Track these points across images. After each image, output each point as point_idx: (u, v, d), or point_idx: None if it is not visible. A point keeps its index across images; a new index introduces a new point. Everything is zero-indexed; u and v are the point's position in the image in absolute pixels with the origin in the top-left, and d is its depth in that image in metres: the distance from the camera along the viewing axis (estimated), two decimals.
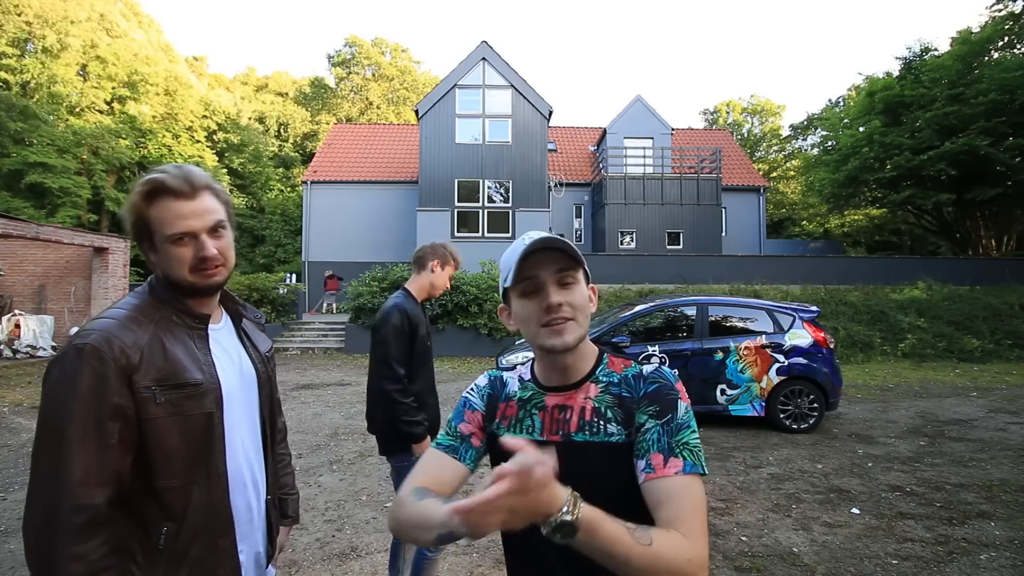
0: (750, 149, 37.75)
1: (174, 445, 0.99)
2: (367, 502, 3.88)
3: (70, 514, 0.89)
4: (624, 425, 0.87)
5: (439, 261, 2.41)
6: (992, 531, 3.37)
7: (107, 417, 0.93)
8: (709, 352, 6.07)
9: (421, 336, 2.28)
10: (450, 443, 0.99)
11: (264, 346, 1.29)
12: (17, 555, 3.08)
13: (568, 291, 0.89)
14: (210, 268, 1.05)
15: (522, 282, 0.89)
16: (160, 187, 1.01)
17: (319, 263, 19.66)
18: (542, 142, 18.07)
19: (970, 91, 15.91)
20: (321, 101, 42.23)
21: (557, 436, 0.91)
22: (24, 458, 4.87)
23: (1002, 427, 6.01)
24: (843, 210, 24.56)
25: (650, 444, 0.83)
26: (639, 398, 0.88)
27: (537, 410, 0.95)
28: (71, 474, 0.90)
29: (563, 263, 0.88)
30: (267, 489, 1.21)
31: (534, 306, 0.89)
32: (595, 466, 0.86)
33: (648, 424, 0.85)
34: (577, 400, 0.92)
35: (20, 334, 10.87)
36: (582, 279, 0.92)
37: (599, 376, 0.94)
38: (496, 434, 0.97)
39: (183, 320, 1.07)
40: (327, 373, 10.03)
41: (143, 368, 0.97)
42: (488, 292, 12.55)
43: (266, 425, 1.22)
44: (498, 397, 1.01)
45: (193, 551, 1.02)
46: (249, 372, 1.19)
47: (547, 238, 0.87)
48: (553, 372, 0.95)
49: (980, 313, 12.77)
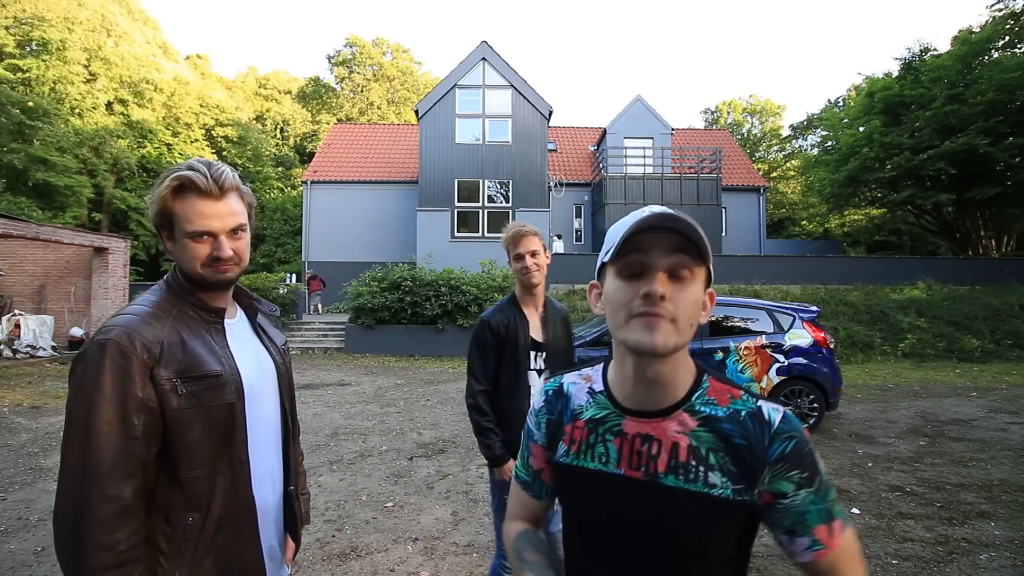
0: (750, 149, 37.77)
1: (197, 436, 1.02)
2: (367, 502, 3.88)
3: (98, 505, 0.92)
4: (733, 479, 0.73)
5: (506, 250, 2.08)
6: (992, 531, 3.37)
7: (131, 410, 0.95)
8: (709, 352, 6.06)
9: (512, 347, 2.02)
10: (524, 479, 0.94)
11: (279, 340, 1.31)
12: (17, 555, 3.08)
13: (679, 286, 0.71)
14: (223, 266, 1.07)
15: (624, 257, 0.73)
16: (189, 184, 1.02)
17: (319, 263, 19.67)
18: (542, 142, 18.07)
19: (970, 91, 15.92)
20: (321, 101, 42.24)
21: (639, 472, 0.76)
22: (24, 458, 4.86)
23: (1002, 427, 6.01)
24: (843, 210, 24.57)
25: (809, 518, 0.72)
26: (772, 459, 0.72)
27: (612, 435, 0.80)
28: (99, 466, 0.92)
29: (684, 250, 0.71)
30: (289, 480, 1.22)
31: (631, 290, 0.72)
32: (687, 519, 0.73)
33: (798, 494, 0.72)
34: (668, 432, 0.76)
35: (20, 334, 10.86)
36: (700, 279, 0.74)
37: (695, 404, 0.77)
38: (563, 464, 0.85)
39: (199, 315, 1.09)
40: (327, 373, 10.03)
41: (164, 361, 0.99)
42: (488, 292, 12.55)
43: (287, 417, 1.24)
44: (560, 419, 0.88)
45: (219, 539, 1.04)
46: (268, 365, 1.20)
47: (671, 215, 0.71)
48: (637, 386, 0.78)
49: (980, 313, 12.77)
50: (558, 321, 2.14)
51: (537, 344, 2.05)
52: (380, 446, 5.35)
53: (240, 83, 42.85)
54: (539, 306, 2.11)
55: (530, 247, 2.02)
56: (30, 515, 3.62)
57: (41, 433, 5.71)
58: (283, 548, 1.23)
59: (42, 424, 6.08)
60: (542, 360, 2.06)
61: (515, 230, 2.03)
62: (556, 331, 2.11)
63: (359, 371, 10.32)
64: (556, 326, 2.12)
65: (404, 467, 4.70)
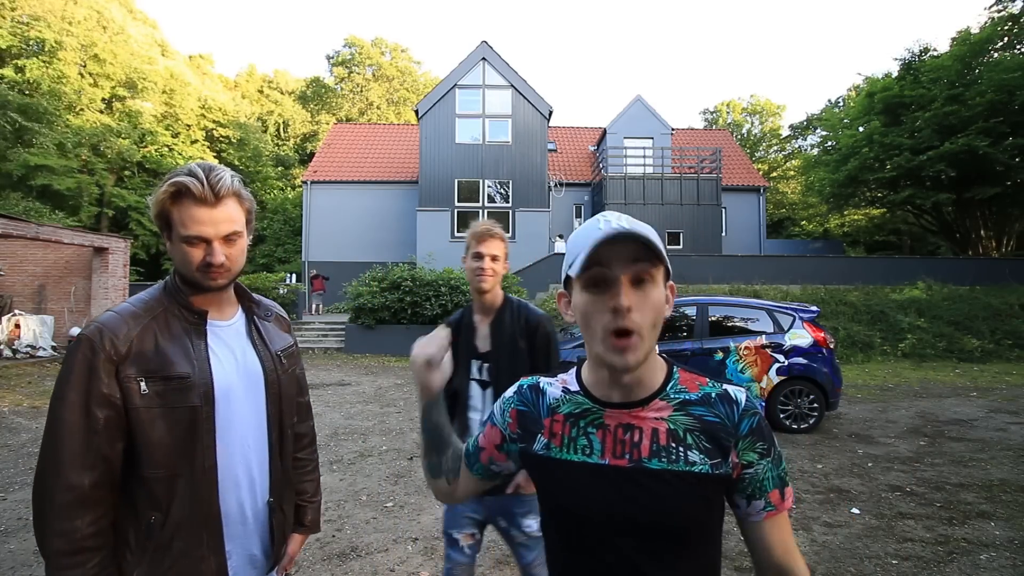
0: (750, 149, 37.77)
1: (158, 436, 1.02)
2: (367, 502, 3.88)
3: (57, 493, 0.96)
4: (709, 455, 0.79)
5: (467, 245, 1.95)
6: (992, 531, 3.37)
7: (94, 403, 0.99)
8: (709, 352, 6.06)
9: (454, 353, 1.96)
10: (468, 450, 0.99)
11: (279, 344, 1.28)
12: (17, 555, 3.08)
13: (642, 293, 0.76)
14: (213, 272, 1.08)
15: (588, 270, 0.76)
16: (184, 190, 1.04)
17: (319, 263, 19.66)
18: (542, 142, 18.08)
19: (969, 92, 15.92)
20: (321, 101, 42.24)
21: (623, 460, 0.80)
22: (24, 458, 4.87)
23: (1002, 427, 6.02)
24: (843, 210, 24.57)
25: (767, 483, 0.80)
26: (740, 434, 0.79)
27: (594, 428, 0.83)
28: (62, 455, 0.97)
29: (641, 255, 0.75)
30: (270, 491, 1.19)
31: (599, 303, 0.76)
32: (672, 497, 0.78)
33: (760, 463, 0.80)
34: (647, 420, 0.81)
35: (20, 334, 10.86)
36: (660, 278, 0.78)
37: (670, 393, 0.83)
38: (540, 456, 0.87)
39: (183, 315, 1.11)
40: (327, 373, 10.03)
41: (130, 359, 1.02)
42: None
43: (275, 425, 1.20)
44: (536, 412, 0.90)
45: (177, 543, 1.04)
46: (255, 370, 1.18)
47: (628, 230, 0.74)
48: (613, 388, 0.83)
49: (980, 313, 12.77)
50: (519, 332, 1.87)
51: (478, 353, 1.88)
52: (380, 446, 5.35)
53: (243, 81, 42.86)
54: (489, 313, 1.92)
55: (493, 250, 1.87)
56: (30, 515, 3.62)
57: (41, 433, 5.69)
58: (269, 555, 1.20)
59: (42, 424, 6.02)
60: (486, 371, 1.87)
61: (485, 227, 1.89)
62: (513, 343, 1.86)
63: (359, 371, 10.32)
64: (515, 337, 1.86)
65: (404, 467, 4.70)
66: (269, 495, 1.19)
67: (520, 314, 1.92)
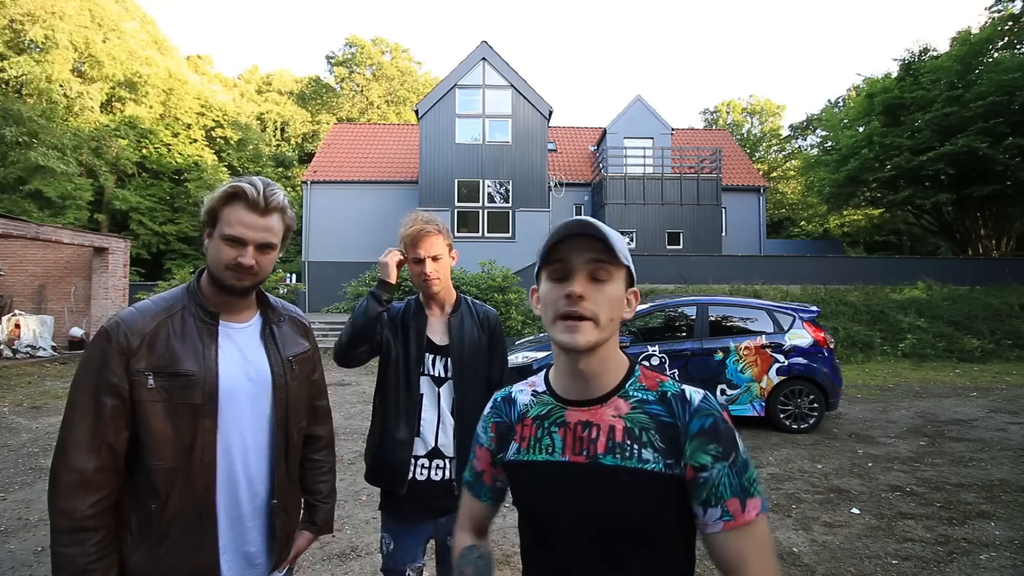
0: (750, 149, 37.76)
1: (160, 429, 1.07)
2: (367, 502, 3.88)
3: (62, 474, 1.02)
4: (663, 454, 0.79)
5: (403, 247, 1.79)
6: (992, 531, 3.37)
7: (102, 392, 1.04)
8: (709, 352, 6.07)
9: (402, 344, 1.81)
10: (468, 479, 1.00)
11: (292, 350, 1.29)
12: (17, 555, 3.08)
13: (598, 287, 0.79)
14: (241, 273, 1.14)
15: (551, 264, 0.81)
16: (240, 194, 1.12)
17: (319, 263, 19.66)
18: (542, 142, 18.07)
19: (969, 93, 15.92)
20: (321, 101, 42.21)
21: (581, 457, 0.82)
22: (24, 458, 4.86)
23: (1002, 427, 6.02)
24: (842, 210, 24.58)
25: (723, 489, 0.76)
26: (692, 433, 0.79)
27: (557, 427, 0.85)
28: (70, 438, 1.03)
29: (601, 254, 0.79)
30: (274, 493, 1.21)
31: (558, 291, 0.80)
32: (625, 494, 0.78)
33: (714, 466, 0.77)
34: (604, 417, 0.83)
35: (20, 334, 10.85)
36: (619, 279, 0.82)
37: (629, 391, 0.84)
38: (514, 461, 0.89)
39: (198, 315, 1.15)
40: (327, 373, 9.98)
41: (140, 353, 1.07)
42: (488, 292, 12.53)
43: (278, 429, 1.22)
44: (509, 421, 0.93)
45: (173, 533, 1.08)
46: (264, 374, 1.21)
47: (586, 223, 0.79)
48: (573, 381, 0.85)
49: (980, 313, 12.77)
50: (474, 327, 1.81)
51: (435, 346, 1.75)
52: None
53: (243, 80, 42.83)
54: (445, 307, 1.81)
55: (432, 250, 1.69)
56: (30, 515, 3.62)
57: (41, 433, 5.70)
58: (270, 555, 1.22)
59: (42, 424, 6.08)
60: (441, 366, 1.74)
61: (418, 227, 1.68)
62: (470, 337, 1.78)
63: (359, 371, 10.30)
64: (472, 332, 1.79)
65: None
66: (273, 497, 1.21)
67: (478, 310, 1.87)
